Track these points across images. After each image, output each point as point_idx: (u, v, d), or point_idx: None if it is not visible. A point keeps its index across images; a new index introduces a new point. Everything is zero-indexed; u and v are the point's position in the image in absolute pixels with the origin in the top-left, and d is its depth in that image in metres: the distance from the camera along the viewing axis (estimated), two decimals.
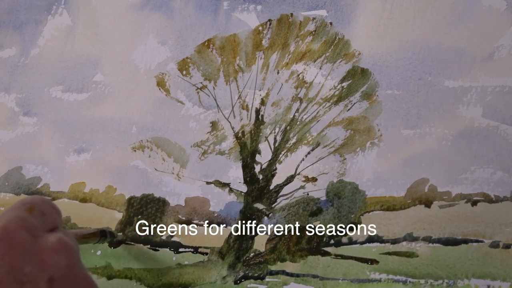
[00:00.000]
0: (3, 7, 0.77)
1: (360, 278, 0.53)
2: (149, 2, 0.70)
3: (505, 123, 0.53)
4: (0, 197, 0.70)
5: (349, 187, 0.56)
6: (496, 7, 0.55)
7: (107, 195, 0.65)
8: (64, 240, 0.37)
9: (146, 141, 0.65)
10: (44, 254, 0.36)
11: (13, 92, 0.73)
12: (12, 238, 0.36)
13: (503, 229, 0.50)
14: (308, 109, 0.60)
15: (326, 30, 0.61)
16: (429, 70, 0.56)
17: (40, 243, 0.36)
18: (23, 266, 0.35)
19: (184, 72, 0.66)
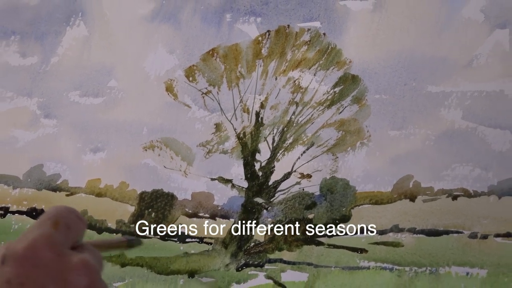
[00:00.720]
0: (25, 19, 0.77)
1: (351, 265, 0.53)
2: (159, 14, 0.70)
3: (483, 125, 0.53)
4: (24, 192, 0.70)
5: (340, 183, 0.56)
6: (474, 19, 0.55)
7: (120, 190, 0.65)
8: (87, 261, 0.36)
9: (156, 141, 0.65)
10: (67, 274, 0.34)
11: (35, 97, 0.73)
12: (37, 257, 0.34)
13: (481, 221, 0.50)
14: (303, 112, 0.59)
15: (320, 40, 0.61)
16: (413, 76, 0.56)
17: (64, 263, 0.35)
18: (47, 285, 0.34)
19: (191, 79, 0.66)
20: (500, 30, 0.54)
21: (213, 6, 0.67)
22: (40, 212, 0.68)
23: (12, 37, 0.77)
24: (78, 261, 0.35)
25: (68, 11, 0.75)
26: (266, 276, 0.55)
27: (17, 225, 0.69)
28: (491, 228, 0.49)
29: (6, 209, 0.70)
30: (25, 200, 0.69)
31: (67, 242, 0.36)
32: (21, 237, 0.35)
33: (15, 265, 0.34)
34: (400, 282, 0.51)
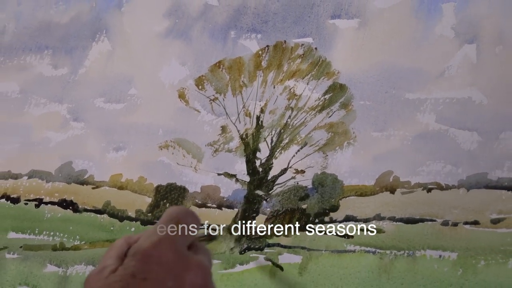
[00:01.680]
0: (57, 36, 0.77)
1: (339, 249, 0.53)
2: (172, 31, 0.70)
3: (453, 127, 0.53)
4: (55, 186, 0.70)
5: (330, 178, 0.56)
6: (446, 35, 0.55)
7: (139, 184, 0.65)
8: (202, 262, 0.35)
9: (170, 141, 0.65)
10: (185, 273, 0.34)
11: (65, 103, 0.73)
12: (161, 256, 0.34)
13: (452, 211, 0.50)
14: (298, 116, 0.60)
15: (312, 54, 0.61)
16: (393, 85, 0.56)
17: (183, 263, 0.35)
18: (167, 282, 0.34)
19: (200, 87, 0.66)
20: (468, 45, 0.54)
21: (219, 24, 0.67)
22: (69, 203, 0.68)
23: (46, 51, 0.77)
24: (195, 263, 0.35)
25: (94, 28, 0.75)
26: (266, 258, 0.56)
27: (49, 214, 0.69)
28: (461, 217, 0.49)
29: (40, 200, 0.70)
30: (56, 193, 0.69)
31: (186, 243, 0.36)
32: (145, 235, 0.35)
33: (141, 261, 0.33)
34: (381, 264, 0.51)
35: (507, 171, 0.49)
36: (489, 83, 0.52)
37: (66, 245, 0.66)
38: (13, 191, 0.72)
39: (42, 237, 0.68)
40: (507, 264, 0.47)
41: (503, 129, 0.51)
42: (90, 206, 0.67)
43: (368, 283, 0.51)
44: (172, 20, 0.70)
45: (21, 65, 0.78)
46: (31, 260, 0.67)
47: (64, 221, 0.68)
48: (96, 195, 0.67)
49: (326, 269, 0.52)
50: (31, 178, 0.71)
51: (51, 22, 0.78)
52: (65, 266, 0.65)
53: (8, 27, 0.81)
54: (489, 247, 0.48)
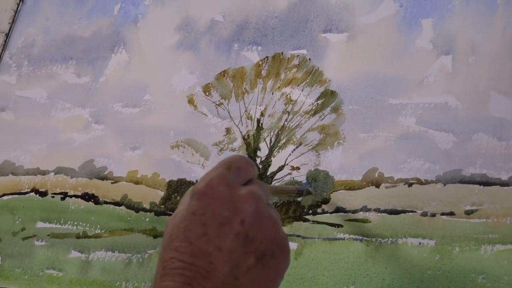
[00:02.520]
0: (80, 48, 0.77)
1: (330, 237, 0.53)
2: (182, 44, 0.70)
3: (431, 129, 0.53)
4: (78, 181, 0.70)
5: (322, 174, 0.56)
6: (425, 48, 0.56)
7: (153, 179, 0.65)
8: (253, 191, 0.35)
9: (180, 142, 0.66)
10: (238, 203, 0.35)
11: (87, 107, 0.73)
12: (214, 192, 0.34)
13: (430, 203, 0.50)
14: (293, 119, 0.60)
15: (306, 64, 0.61)
16: (378, 91, 0.56)
17: (235, 194, 0.35)
18: (222, 212, 0.34)
19: (207, 93, 0.66)
20: (445, 56, 0.54)
21: (224, 38, 0.67)
22: (91, 196, 0.68)
23: (70, 61, 0.77)
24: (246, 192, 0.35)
25: (113, 41, 0.75)
26: None
27: (73, 206, 0.69)
28: (438, 208, 0.50)
29: (65, 193, 0.70)
30: (79, 187, 0.70)
31: (238, 180, 0.36)
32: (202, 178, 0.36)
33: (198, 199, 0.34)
34: (368, 250, 0.51)
35: (479, 168, 0.50)
36: (463, 90, 0.52)
37: (88, 233, 0.66)
38: (41, 186, 0.72)
39: (67, 226, 0.68)
40: (479, 251, 0.47)
41: (475, 131, 0.51)
42: (110, 199, 0.67)
43: (356, 267, 0.51)
44: (182, 34, 0.70)
45: (48, 74, 0.78)
46: (57, 247, 0.67)
47: (87, 212, 0.68)
48: (115, 189, 0.67)
49: (319, 255, 0.53)
50: (57, 174, 0.71)
51: (75, 36, 0.78)
52: (87, 252, 0.65)
53: (37, 40, 0.81)
54: (463, 235, 0.48)
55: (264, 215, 0.35)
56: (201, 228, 0.33)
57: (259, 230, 0.34)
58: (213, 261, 0.33)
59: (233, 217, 0.34)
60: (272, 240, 0.35)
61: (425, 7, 0.56)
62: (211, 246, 0.33)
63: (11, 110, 0.79)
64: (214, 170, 0.36)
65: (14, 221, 0.71)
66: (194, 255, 0.33)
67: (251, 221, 0.34)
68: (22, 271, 0.68)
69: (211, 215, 0.34)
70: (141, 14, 0.74)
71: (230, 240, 0.33)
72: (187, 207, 0.34)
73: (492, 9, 0.53)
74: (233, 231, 0.34)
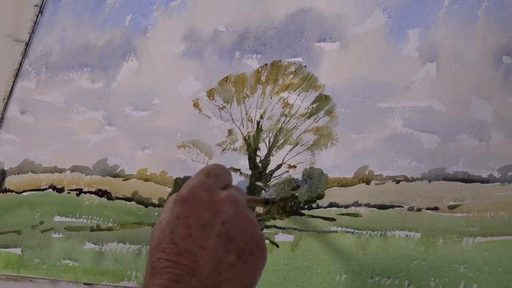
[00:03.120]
0: (94, 56, 0.77)
1: (324, 230, 0.53)
2: (188, 52, 0.70)
3: (417, 131, 0.53)
4: (93, 178, 0.70)
5: (317, 172, 0.56)
6: (411, 56, 0.56)
7: (161, 177, 0.65)
8: (232, 194, 0.36)
9: (186, 142, 0.66)
10: (218, 206, 0.35)
11: (101, 110, 0.73)
12: (196, 197, 0.35)
13: (416, 198, 0.50)
14: (290, 122, 0.60)
15: (302, 71, 0.61)
16: (368, 96, 0.56)
17: (215, 198, 0.35)
18: (204, 215, 0.34)
19: (211, 98, 0.66)
20: (430, 64, 0.54)
21: (226, 47, 0.67)
22: (104, 192, 0.68)
23: (85, 68, 0.77)
24: (225, 196, 0.35)
25: (124, 50, 0.75)
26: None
27: (88, 202, 0.69)
28: (423, 204, 0.50)
29: (80, 190, 0.70)
30: (93, 184, 0.70)
31: (217, 185, 0.36)
32: (184, 185, 0.36)
33: (182, 204, 0.34)
34: (359, 242, 0.51)
35: (461, 166, 0.50)
36: (446, 94, 0.52)
37: (101, 226, 0.66)
38: (58, 183, 0.72)
39: (82, 220, 0.68)
40: (461, 242, 0.47)
41: (458, 132, 0.51)
42: (121, 195, 0.67)
43: (348, 258, 0.51)
44: (188, 43, 0.70)
45: (65, 80, 0.78)
46: (73, 239, 0.67)
47: (100, 207, 0.68)
48: (126, 186, 0.67)
49: (314, 246, 0.53)
50: (73, 172, 0.71)
51: (90, 45, 0.78)
52: (100, 244, 0.65)
53: (54, 48, 0.81)
54: (447, 228, 0.48)
55: (243, 216, 0.36)
56: (186, 230, 0.34)
57: (239, 229, 0.35)
58: (198, 259, 0.33)
59: (214, 219, 0.34)
60: (251, 238, 0.36)
61: (412, 19, 0.56)
62: (195, 246, 0.33)
63: (31, 113, 0.79)
64: (195, 178, 0.37)
65: (34, 215, 0.72)
66: (180, 254, 0.33)
67: (231, 222, 0.35)
68: (40, 261, 0.68)
69: (194, 218, 0.34)
70: (150, 25, 0.74)
71: (212, 239, 0.34)
72: (171, 212, 0.35)
73: (472, 20, 0.53)
74: (214, 232, 0.34)
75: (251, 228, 0.36)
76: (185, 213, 0.34)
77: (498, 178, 0.47)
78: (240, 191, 0.38)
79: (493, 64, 0.51)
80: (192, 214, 0.34)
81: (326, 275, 0.51)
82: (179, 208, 0.35)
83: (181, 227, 0.34)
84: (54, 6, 0.84)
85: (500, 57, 0.51)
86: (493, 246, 0.45)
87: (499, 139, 0.48)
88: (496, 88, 0.50)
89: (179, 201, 0.35)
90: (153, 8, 0.75)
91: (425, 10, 0.56)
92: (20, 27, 0.84)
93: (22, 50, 0.83)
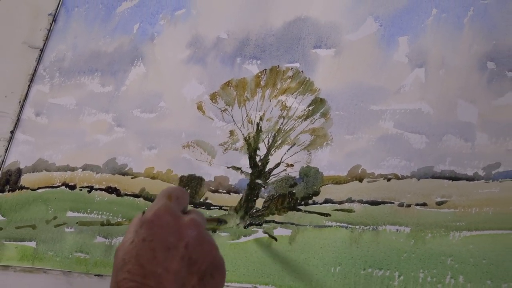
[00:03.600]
0: (104, 61, 0.77)
1: (320, 225, 0.53)
2: (192, 58, 0.70)
3: (407, 132, 0.53)
4: (103, 176, 0.70)
5: (313, 170, 0.56)
6: (401, 61, 0.56)
7: (167, 175, 0.65)
8: (195, 219, 0.36)
9: (190, 142, 0.66)
10: (182, 229, 0.35)
11: (111, 113, 0.73)
12: (161, 220, 0.35)
13: (406, 195, 0.50)
14: (288, 123, 0.60)
15: (299, 75, 0.61)
16: (361, 99, 0.56)
17: (179, 222, 0.35)
18: (169, 238, 0.34)
19: (214, 101, 0.66)
20: (418, 69, 0.54)
21: (228, 53, 0.67)
22: (113, 189, 0.68)
23: (96, 73, 0.77)
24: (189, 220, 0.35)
25: (132, 56, 0.75)
26: (264, 232, 0.56)
27: (98, 198, 0.69)
28: (413, 200, 0.50)
29: (91, 187, 0.70)
30: (104, 181, 0.70)
31: (179, 208, 0.36)
32: (149, 209, 0.35)
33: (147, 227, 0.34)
34: (352, 236, 0.51)
35: (448, 165, 0.50)
36: (434, 98, 0.52)
37: (111, 221, 0.66)
38: (70, 180, 0.72)
39: (93, 215, 0.68)
40: (448, 236, 0.47)
41: (445, 133, 0.51)
42: (130, 192, 0.67)
43: (342, 251, 0.51)
44: (192, 50, 0.70)
45: (77, 84, 0.78)
46: (84, 233, 0.67)
47: (110, 203, 0.68)
48: (134, 183, 0.67)
49: (310, 240, 0.52)
50: (84, 170, 0.71)
51: (100, 51, 0.78)
52: (110, 238, 0.65)
53: (67, 55, 0.81)
54: (435, 223, 0.48)
55: (205, 240, 0.35)
56: (151, 253, 0.33)
57: (201, 253, 0.35)
58: (163, 281, 0.32)
59: (178, 242, 0.34)
60: (211, 262, 0.35)
61: (402, 26, 0.56)
62: (160, 268, 0.33)
63: (45, 115, 0.79)
64: (158, 201, 0.36)
65: (47, 210, 0.71)
66: (146, 276, 0.32)
67: (194, 245, 0.34)
68: (54, 254, 0.68)
69: (159, 241, 0.34)
70: (156, 33, 0.74)
71: (176, 262, 0.33)
72: (136, 234, 0.34)
73: (459, 28, 0.53)
74: (178, 254, 0.34)
75: (212, 252, 0.36)
76: (150, 236, 0.34)
77: (483, 176, 0.47)
78: (201, 215, 0.38)
79: (478, 70, 0.51)
80: (157, 237, 0.34)
81: (321, 267, 0.51)
82: (145, 231, 0.34)
83: (146, 249, 0.33)
84: (67, 15, 0.84)
85: (484, 63, 0.51)
86: (478, 240, 0.45)
87: (484, 140, 0.48)
88: (481, 92, 0.50)
89: (145, 225, 0.34)
90: (160, 17, 0.74)
91: (414, 19, 0.56)
92: (35, 34, 0.84)
93: (37, 56, 0.83)
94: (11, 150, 0.79)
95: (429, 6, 0.55)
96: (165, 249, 0.34)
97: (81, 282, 0.65)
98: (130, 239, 0.35)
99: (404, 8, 0.57)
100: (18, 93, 0.82)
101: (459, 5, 0.54)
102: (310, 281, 0.51)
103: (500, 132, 0.48)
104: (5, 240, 0.72)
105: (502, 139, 0.48)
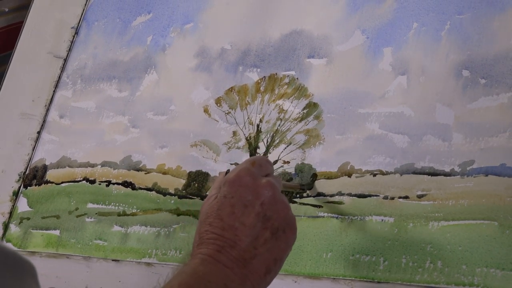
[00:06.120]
0: (121, 69, 0.77)
1: (313, 215, 0.53)
2: (199, 67, 0.70)
3: (391, 132, 0.53)
4: (119, 171, 0.70)
5: (307, 166, 0.56)
6: (386, 69, 0.56)
7: (177, 171, 0.65)
8: (271, 181, 0.36)
9: (198, 142, 0.66)
10: (259, 189, 0.35)
11: (127, 115, 0.73)
12: (241, 181, 0.35)
13: (390, 189, 0.50)
14: (285, 125, 0.60)
15: (295, 82, 0.61)
16: (350, 103, 0.56)
17: (257, 183, 0.35)
18: (247, 196, 0.34)
19: (218, 105, 0.66)
20: (401, 76, 0.55)
21: (231, 62, 0.67)
22: (129, 184, 0.68)
23: (113, 80, 0.77)
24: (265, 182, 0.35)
25: (146, 65, 0.75)
26: None
27: (116, 191, 0.69)
28: (396, 193, 0.50)
29: (109, 181, 0.70)
30: (120, 176, 0.70)
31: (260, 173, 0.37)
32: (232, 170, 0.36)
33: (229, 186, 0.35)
34: (342, 226, 0.51)
35: (427, 162, 0.50)
36: (415, 102, 0.52)
37: (127, 212, 0.66)
38: (90, 175, 0.72)
39: (111, 207, 0.68)
40: (428, 226, 0.47)
41: (425, 133, 0.51)
42: (143, 186, 0.67)
43: (333, 238, 0.51)
44: (199, 59, 0.70)
45: (96, 89, 0.78)
46: (103, 222, 0.67)
47: (126, 196, 0.68)
48: (147, 178, 0.67)
49: (304, 229, 0.52)
50: (103, 166, 0.71)
51: (117, 60, 0.78)
52: (126, 227, 0.65)
53: (87, 63, 0.81)
54: (416, 214, 0.48)
55: (279, 200, 0.36)
56: (230, 208, 0.34)
57: (275, 211, 0.35)
58: (238, 234, 0.33)
59: (255, 200, 0.34)
60: (284, 219, 0.36)
61: (386, 38, 0.56)
62: (237, 222, 0.33)
63: (68, 117, 0.79)
64: (242, 165, 0.37)
65: (70, 202, 0.71)
66: (224, 229, 0.33)
67: (268, 204, 0.35)
68: (76, 241, 0.68)
69: (238, 198, 0.34)
70: (168, 44, 0.74)
71: (252, 218, 0.34)
72: (219, 191, 0.35)
73: (437, 40, 0.54)
74: (254, 211, 0.34)
75: (284, 211, 0.36)
76: (231, 194, 0.34)
77: (459, 172, 0.47)
78: (279, 180, 0.39)
79: (454, 77, 0.51)
80: (237, 195, 0.34)
81: (314, 253, 0.51)
82: (227, 189, 0.35)
83: (227, 205, 0.34)
84: (88, 28, 0.84)
85: (460, 70, 0.51)
86: (454, 229, 0.45)
87: (459, 140, 0.49)
88: (457, 97, 0.50)
89: (227, 183, 0.35)
90: (170, 30, 0.74)
91: (397, 32, 0.56)
92: (59, 45, 0.84)
93: (61, 65, 0.83)
94: (38, 148, 0.79)
95: (411, 20, 0.55)
96: (243, 206, 0.34)
97: (99, 267, 0.65)
98: (214, 195, 0.35)
99: (388, 22, 0.57)
100: (44, 98, 0.82)
101: (437, 20, 0.54)
102: (305, 266, 0.51)
103: (474, 133, 0.48)
104: (32, 229, 0.72)
105: (475, 139, 0.48)
